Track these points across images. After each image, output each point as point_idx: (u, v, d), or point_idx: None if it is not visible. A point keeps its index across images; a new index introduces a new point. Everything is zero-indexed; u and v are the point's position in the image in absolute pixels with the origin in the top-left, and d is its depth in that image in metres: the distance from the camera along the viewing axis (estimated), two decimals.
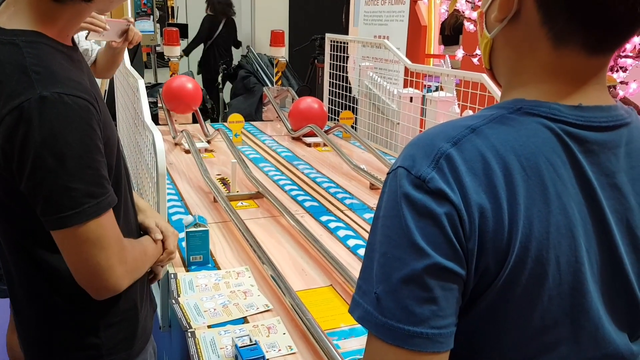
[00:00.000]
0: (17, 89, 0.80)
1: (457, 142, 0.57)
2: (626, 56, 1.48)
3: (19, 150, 0.80)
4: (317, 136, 3.29)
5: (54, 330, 0.98)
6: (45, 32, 0.86)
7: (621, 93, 1.53)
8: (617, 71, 1.51)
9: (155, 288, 1.70)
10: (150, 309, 1.14)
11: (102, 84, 3.94)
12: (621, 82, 1.54)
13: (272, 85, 4.39)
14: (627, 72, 1.52)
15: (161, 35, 7.40)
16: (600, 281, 0.59)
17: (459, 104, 2.80)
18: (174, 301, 1.51)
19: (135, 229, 1.08)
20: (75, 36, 1.35)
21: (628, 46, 1.45)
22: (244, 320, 1.44)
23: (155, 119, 3.41)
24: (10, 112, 0.79)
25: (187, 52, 6.23)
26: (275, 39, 4.08)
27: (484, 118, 0.59)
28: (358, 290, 0.59)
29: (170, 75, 4.00)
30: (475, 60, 2.09)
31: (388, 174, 0.61)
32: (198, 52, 6.35)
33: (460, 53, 2.09)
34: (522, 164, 0.56)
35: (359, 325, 1.43)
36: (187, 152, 3.03)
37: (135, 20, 7.20)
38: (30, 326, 1.00)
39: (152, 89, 4.60)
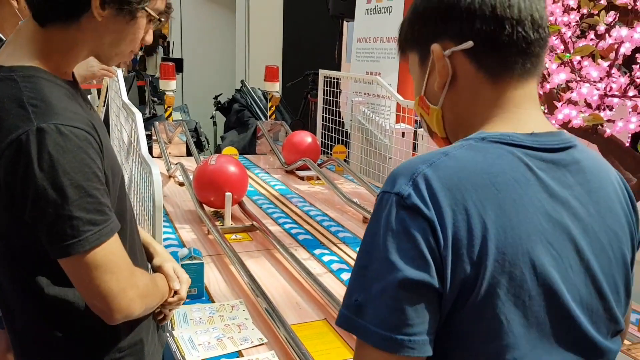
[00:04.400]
0: (15, 123, 0.81)
1: (433, 164, 0.64)
2: (613, 95, 1.53)
3: (21, 183, 0.82)
4: (310, 170, 3.32)
5: None
6: (42, 66, 0.88)
7: (608, 131, 1.57)
8: (604, 110, 1.56)
9: None
10: (158, 344, 1.13)
11: None
12: (608, 120, 1.58)
13: (266, 119, 4.44)
14: (613, 110, 1.57)
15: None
16: (574, 283, 0.66)
17: None
18: (168, 334, 1.51)
19: (141, 263, 1.07)
20: None
21: (614, 86, 1.51)
22: (238, 354, 1.43)
23: (150, 151, 3.43)
24: (9, 146, 0.81)
25: None
26: (270, 74, 4.15)
27: (454, 146, 0.68)
28: (342, 303, 0.65)
29: (165, 109, 4.03)
30: None
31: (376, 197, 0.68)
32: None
33: None
34: (492, 180, 0.63)
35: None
36: (181, 184, 3.04)
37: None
38: None
39: (147, 122, 4.62)
